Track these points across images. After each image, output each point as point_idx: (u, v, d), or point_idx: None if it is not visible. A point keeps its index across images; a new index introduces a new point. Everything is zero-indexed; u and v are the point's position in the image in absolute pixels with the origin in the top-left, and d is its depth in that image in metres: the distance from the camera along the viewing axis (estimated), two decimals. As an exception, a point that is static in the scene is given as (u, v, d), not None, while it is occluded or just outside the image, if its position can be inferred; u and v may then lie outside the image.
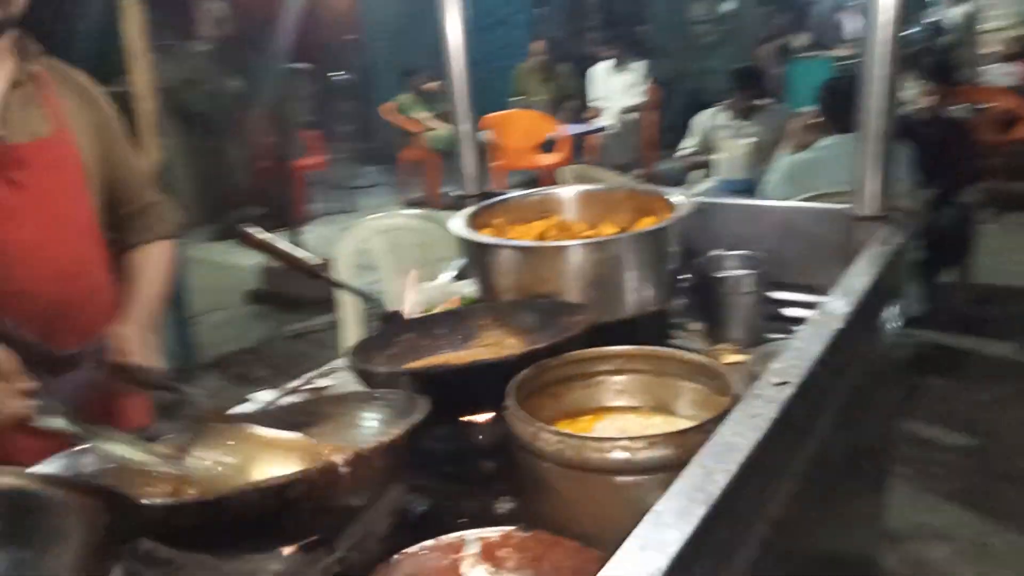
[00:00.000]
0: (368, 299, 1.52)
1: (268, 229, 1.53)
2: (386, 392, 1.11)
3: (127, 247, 1.66)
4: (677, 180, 5.20)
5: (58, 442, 1.02)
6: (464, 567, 0.87)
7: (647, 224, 1.66)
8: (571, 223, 1.82)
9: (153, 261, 1.67)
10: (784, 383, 0.89)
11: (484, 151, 2.15)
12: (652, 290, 1.58)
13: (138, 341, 1.48)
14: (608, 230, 1.73)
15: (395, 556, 0.89)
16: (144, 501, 0.85)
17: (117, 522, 0.79)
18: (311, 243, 5.46)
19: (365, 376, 1.24)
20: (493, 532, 0.89)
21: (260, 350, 4.57)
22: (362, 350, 1.35)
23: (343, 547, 1.00)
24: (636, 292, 1.56)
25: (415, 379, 1.13)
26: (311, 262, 1.53)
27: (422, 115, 7.68)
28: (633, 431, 1.09)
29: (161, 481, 1.02)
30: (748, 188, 3.90)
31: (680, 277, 1.68)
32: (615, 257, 1.51)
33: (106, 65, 3.23)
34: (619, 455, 0.90)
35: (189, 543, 0.92)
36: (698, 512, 0.66)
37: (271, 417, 1.15)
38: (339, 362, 1.62)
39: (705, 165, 4.74)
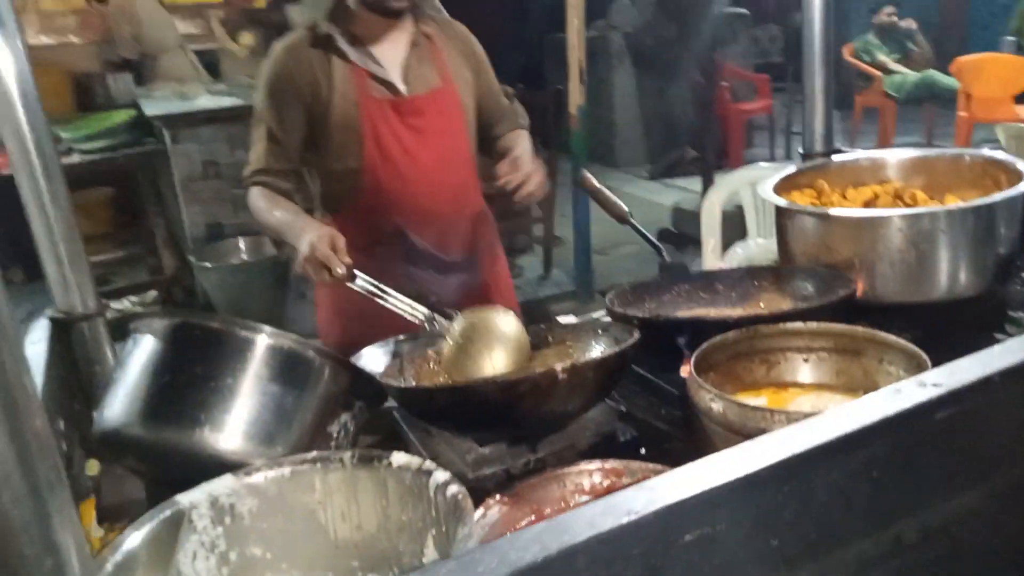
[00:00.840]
0: (654, 247, 1.64)
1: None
2: (610, 324, 1.27)
3: (496, 138, 1.97)
4: None
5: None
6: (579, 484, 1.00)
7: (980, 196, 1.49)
8: (911, 190, 1.69)
9: (522, 139, 1.92)
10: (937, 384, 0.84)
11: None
12: (972, 273, 1.42)
13: (527, 152, 1.76)
14: (951, 201, 1.58)
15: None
16: (385, 380, 1.15)
17: (350, 387, 1.11)
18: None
19: (615, 317, 1.39)
20: (619, 463, 1.01)
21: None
22: (632, 292, 1.51)
23: (544, 450, 1.20)
24: (949, 274, 1.42)
25: (644, 325, 1.26)
26: (620, 210, 1.71)
27: (882, 57, 7.05)
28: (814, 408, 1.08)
29: (429, 372, 1.33)
30: None
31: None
32: (919, 232, 1.39)
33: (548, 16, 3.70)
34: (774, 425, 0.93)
35: (425, 418, 1.20)
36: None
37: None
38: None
39: None
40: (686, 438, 1.18)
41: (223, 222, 4.10)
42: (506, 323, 1.30)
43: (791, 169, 1.79)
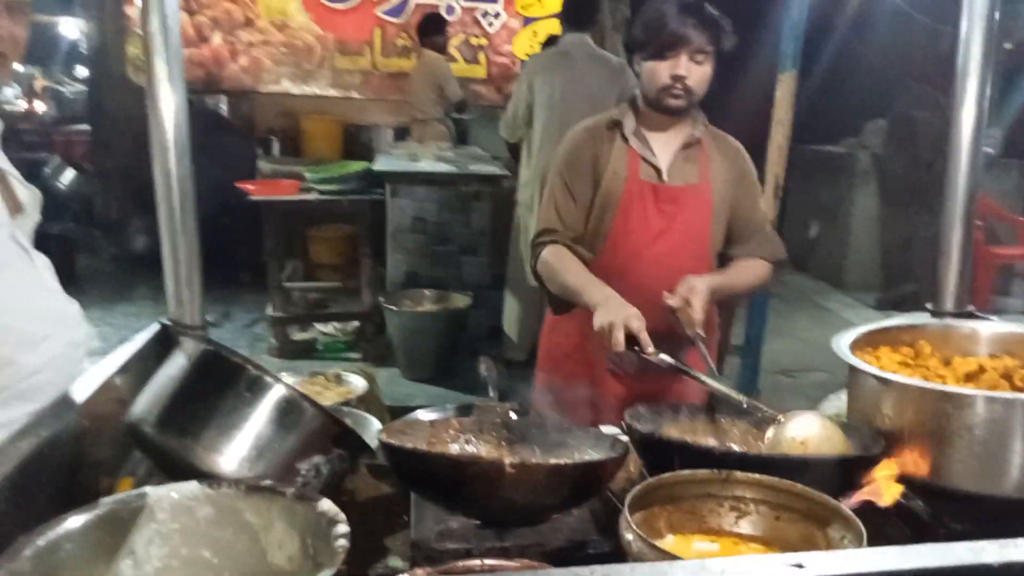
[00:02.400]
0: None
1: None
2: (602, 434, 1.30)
3: (731, 259, 2.11)
4: None
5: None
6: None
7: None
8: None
9: (749, 266, 2.08)
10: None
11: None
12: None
13: (702, 293, 1.81)
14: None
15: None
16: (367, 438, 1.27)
17: (336, 436, 1.24)
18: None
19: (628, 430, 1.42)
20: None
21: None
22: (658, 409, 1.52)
23: (510, 541, 1.24)
24: (1017, 471, 1.29)
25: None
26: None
27: None
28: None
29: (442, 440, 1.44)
30: None
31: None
32: (976, 416, 1.28)
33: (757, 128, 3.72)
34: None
35: (402, 478, 1.31)
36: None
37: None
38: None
39: None
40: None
41: (419, 272, 4.48)
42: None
43: (903, 322, 1.70)
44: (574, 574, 0.78)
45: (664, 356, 1.71)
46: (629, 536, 1.01)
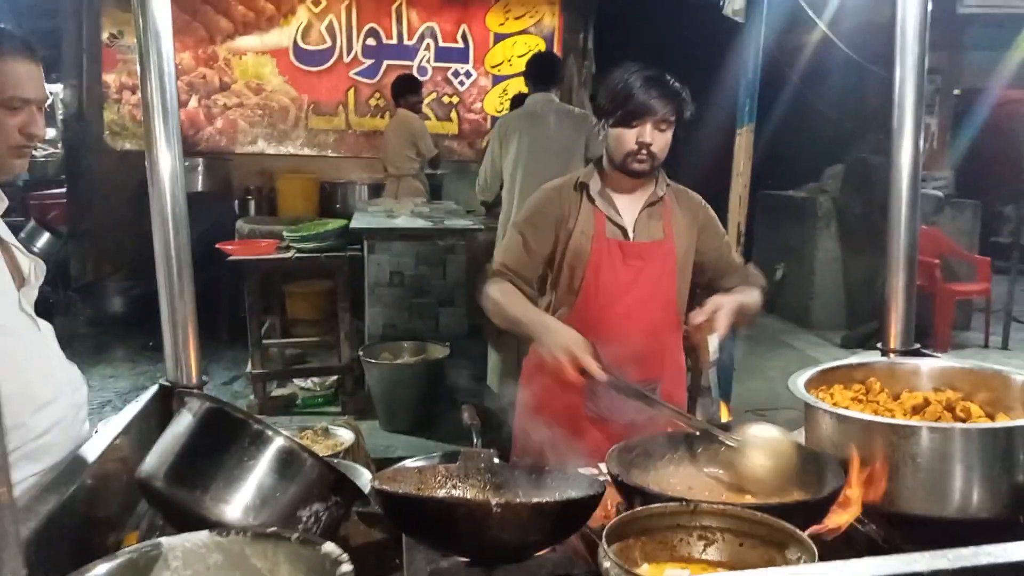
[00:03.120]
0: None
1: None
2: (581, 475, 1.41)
3: (723, 291, 2.19)
4: None
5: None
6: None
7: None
8: (966, 404, 1.65)
9: (749, 292, 2.17)
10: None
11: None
12: (985, 498, 1.40)
13: (728, 308, 1.96)
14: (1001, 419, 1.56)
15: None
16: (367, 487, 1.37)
17: (333, 484, 1.33)
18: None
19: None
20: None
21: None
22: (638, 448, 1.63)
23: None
24: (960, 495, 1.41)
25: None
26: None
27: None
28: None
29: (431, 485, 1.53)
30: None
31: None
32: (927, 448, 1.40)
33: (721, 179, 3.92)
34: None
35: (394, 520, 1.40)
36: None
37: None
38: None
39: None
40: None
41: (398, 325, 4.58)
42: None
43: (853, 361, 1.83)
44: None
45: (621, 378, 1.82)
46: (607, 564, 1.12)
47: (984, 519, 1.38)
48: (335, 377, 4.89)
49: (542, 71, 4.54)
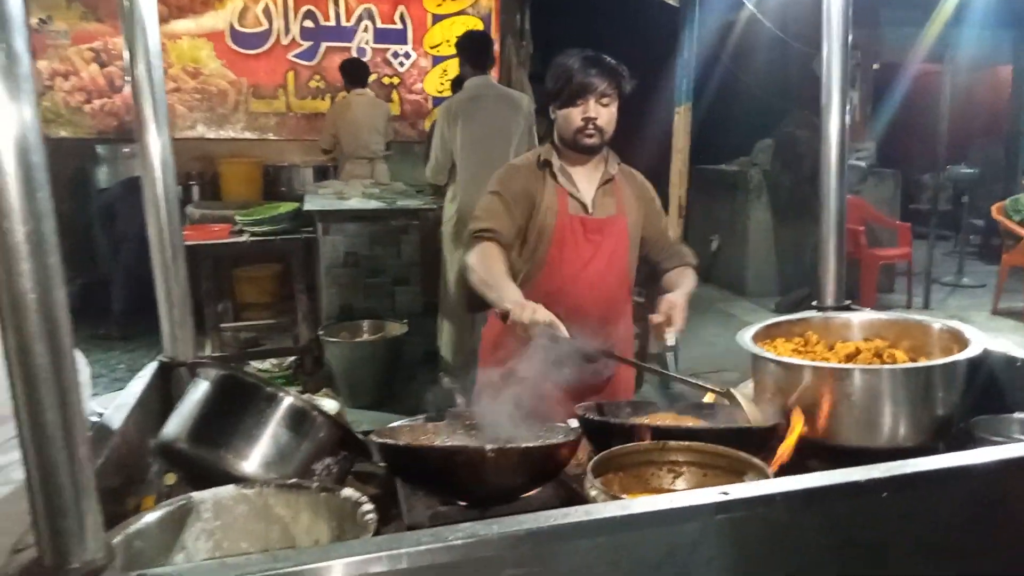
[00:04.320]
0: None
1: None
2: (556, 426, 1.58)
3: (664, 271, 2.44)
4: None
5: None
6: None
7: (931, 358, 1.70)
8: (892, 351, 1.86)
9: (686, 275, 2.40)
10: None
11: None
12: (910, 428, 1.61)
13: (682, 307, 2.16)
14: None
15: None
16: (367, 438, 1.52)
17: (341, 439, 1.48)
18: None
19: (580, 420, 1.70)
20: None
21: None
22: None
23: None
24: (888, 427, 1.61)
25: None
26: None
27: (1031, 217, 6.87)
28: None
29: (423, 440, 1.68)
30: None
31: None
32: (850, 385, 1.60)
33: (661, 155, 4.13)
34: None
35: (395, 472, 1.55)
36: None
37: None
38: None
39: None
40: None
41: (354, 305, 4.68)
42: None
43: (793, 317, 2.03)
44: (570, 512, 1.06)
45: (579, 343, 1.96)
46: (594, 492, 1.29)
47: (910, 447, 1.58)
48: (293, 358, 4.96)
49: (478, 54, 4.66)
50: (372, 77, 7.53)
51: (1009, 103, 10.23)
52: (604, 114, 2.24)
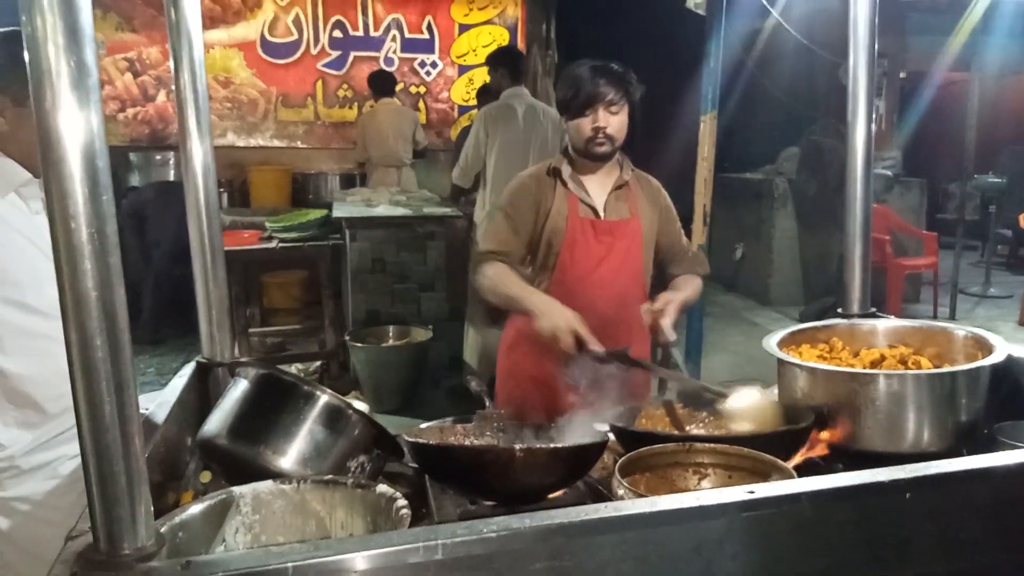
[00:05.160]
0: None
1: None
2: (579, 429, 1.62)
3: (671, 277, 2.47)
4: None
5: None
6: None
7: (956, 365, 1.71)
8: (917, 357, 1.87)
9: (690, 282, 2.43)
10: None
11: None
12: (934, 434, 1.62)
13: (674, 306, 2.19)
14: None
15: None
16: (400, 437, 1.56)
17: (375, 437, 1.52)
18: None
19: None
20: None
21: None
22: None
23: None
24: (912, 432, 1.62)
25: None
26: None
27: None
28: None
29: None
30: None
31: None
32: (877, 391, 1.61)
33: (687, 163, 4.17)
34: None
35: (426, 470, 1.59)
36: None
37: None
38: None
39: None
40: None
41: (380, 310, 4.74)
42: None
43: (818, 324, 2.05)
44: (600, 508, 1.09)
45: (611, 352, 2.03)
46: (621, 492, 1.32)
47: (933, 452, 1.59)
48: (319, 363, 5.03)
49: (514, 67, 4.80)
50: (399, 86, 7.64)
51: (1038, 112, 10.13)
52: (614, 122, 2.26)
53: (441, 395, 4.70)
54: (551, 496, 1.56)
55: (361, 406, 2.24)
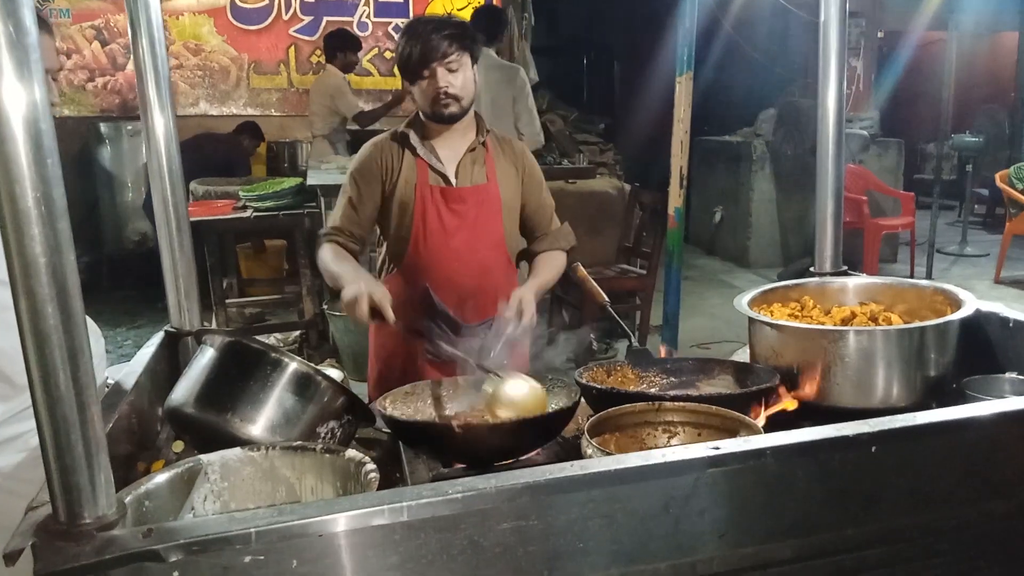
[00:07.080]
0: (626, 334, 1.95)
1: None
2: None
3: (536, 254, 2.36)
4: None
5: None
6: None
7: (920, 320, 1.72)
8: (887, 314, 1.87)
9: (550, 262, 2.32)
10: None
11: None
12: (903, 389, 1.63)
13: (530, 301, 2.04)
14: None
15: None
16: (372, 405, 1.55)
17: (346, 404, 1.51)
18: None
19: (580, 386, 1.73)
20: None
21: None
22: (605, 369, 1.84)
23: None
24: (882, 388, 1.64)
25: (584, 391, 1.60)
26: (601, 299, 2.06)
27: (1035, 185, 6.85)
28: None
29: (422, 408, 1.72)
30: None
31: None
32: (845, 347, 1.63)
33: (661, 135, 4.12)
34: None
35: (398, 436, 1.59)
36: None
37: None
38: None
39: None
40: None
41: (358, 279, 4.71)
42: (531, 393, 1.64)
43: (789, 283, 2.06)
44: (565, 467, 1.09)
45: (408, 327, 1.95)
46: (590, 451, 1.33)
47: (902, 407, 1.60)
48: (298, 332, 5.01)
49: (490, 28, 4.67)
50: (373, 51, 7.52)
51: (1014, 70, 10.16)
52: (456, 80, 2.14)
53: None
54: (525, 457, 1.57)
55: (334, 373, 2.25)
